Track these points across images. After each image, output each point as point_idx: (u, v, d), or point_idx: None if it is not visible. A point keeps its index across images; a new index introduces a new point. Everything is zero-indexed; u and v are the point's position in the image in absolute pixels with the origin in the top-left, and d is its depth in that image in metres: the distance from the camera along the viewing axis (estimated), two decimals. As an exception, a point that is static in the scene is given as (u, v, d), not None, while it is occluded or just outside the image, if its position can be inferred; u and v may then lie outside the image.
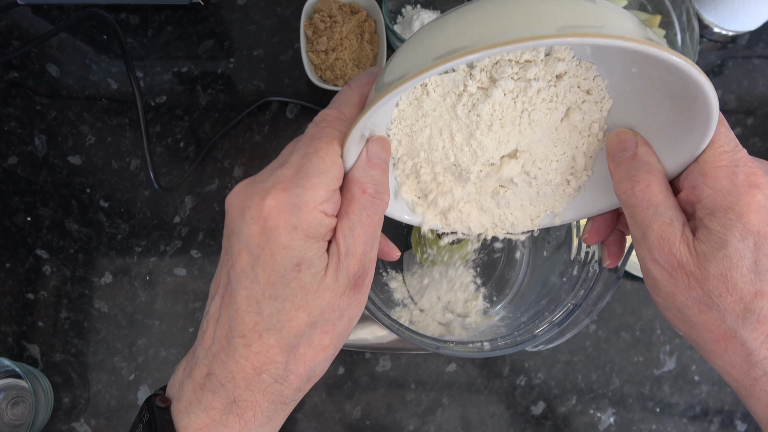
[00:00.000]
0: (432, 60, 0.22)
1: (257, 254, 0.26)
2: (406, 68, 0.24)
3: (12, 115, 0.65)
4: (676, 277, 0.27)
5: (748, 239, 0.25)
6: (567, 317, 0.43)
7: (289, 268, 0.26)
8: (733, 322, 0.26)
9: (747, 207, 0.25)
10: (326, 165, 0.26)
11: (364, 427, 0.62)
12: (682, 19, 0.64)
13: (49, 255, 0.63)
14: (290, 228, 0.25)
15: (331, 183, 0.27)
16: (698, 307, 0.27)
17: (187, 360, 0.29)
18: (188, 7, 0.69)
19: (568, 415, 0.63)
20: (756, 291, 0.26)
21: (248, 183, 0.27)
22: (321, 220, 0.26)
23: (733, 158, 0.26)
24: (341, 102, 0.29)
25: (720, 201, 0.26)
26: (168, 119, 0.66)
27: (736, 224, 0.25)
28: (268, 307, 0.26)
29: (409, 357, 0.62)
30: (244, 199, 0.26)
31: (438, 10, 0.69)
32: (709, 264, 0.26)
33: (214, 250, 0.64)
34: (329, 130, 0.27)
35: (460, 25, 0.24)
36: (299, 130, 0.67)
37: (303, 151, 0.27)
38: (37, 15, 0.68)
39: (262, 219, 0.25)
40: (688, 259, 0.27)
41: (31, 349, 0.61)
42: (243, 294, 0.26)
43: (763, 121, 0.71)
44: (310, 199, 0.25)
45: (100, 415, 0.60)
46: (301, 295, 0.26)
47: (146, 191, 0.65)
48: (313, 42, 0.64)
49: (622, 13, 0.24)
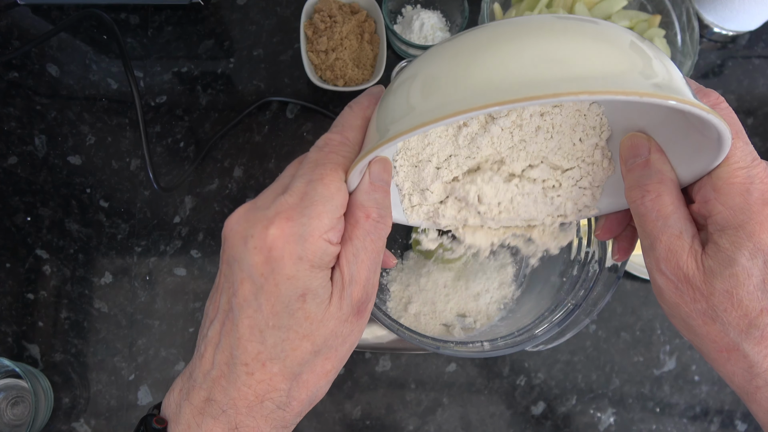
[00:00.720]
0: (438, 114, 0.22)
1: (261, 284, 0.25)
2: (417, 112, 0.24)
3: (12, 115, 0.65)
4: (682, 289, 0.27)
5: (757, 258, 0.25)
6: (567, 317, 0.43)
7: (293, 298, 0.25)
8: (737, 336, 0.26)
9: (759, 226, 0.25)
10: (331, 192, 0.26)
11: (364, 427, 0.62)
12: (682, 19, 0.64)
13: (49, 255, 0.63)
14: (295, 258, 0.25)
15: (336, 211, 0.26)
16: (702, 319, 0.27)
17: (183, 380, 0.29)
18: (188, 7, 0.69)
19: (568, 415, 0.63)
20: (762, 308, 0.25)
21: (249, 209, 0.27)
22: (326, 249, 0.26)
23: (749, 174, 0.25)
24: (344, 126, 0.28)
25: (731, 218, 0.25)
26: (168, 119, 0.66)
27: (746, 243, 0.25)
28: (272, 337, 0.26)
29: (409, 357, 0.62)
30: (246, 227, 0.26)
31: (438, 10, 0.69)
32: (716, 280, 0.26)
33: (214, 250, 0.64)
34: (333, 156, 0.27)
35: (464, 73, 0.23)
36: (299, 130, 0.67)
37: (307, 178, 0.26)
38: (37, 15, 0.68)
39: (266, 249, 0.25)
40: (694, 273, 0.26)
41: (31, 349, 0.61)
42: (245, 323, 0.26)
43: (763, 121, 0.71)
44: (315, 228, 0.25)
45: (100, 415, 0.60)
46: (306, 325, 0.26)
47: (146, 191, 0.65)
48: (313, 42, 0.64)
49: (626, 48, 0.23)
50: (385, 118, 0.26)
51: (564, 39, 0.22)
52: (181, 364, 0.61)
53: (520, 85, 0.21)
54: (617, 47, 0.23)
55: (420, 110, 0.23)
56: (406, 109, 0.24)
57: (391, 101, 0.26)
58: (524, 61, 0.22)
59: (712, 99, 0.27)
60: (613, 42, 0.23)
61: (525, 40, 0.23)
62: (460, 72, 0.23)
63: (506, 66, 0.22)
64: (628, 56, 0.23)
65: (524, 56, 0.22)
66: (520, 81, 0.21)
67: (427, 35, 0.67)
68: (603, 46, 0.23)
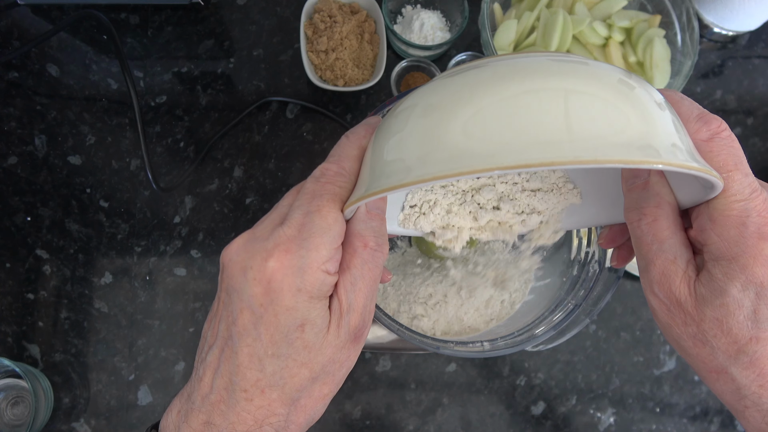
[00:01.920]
0: (437, 171, 0.22)
1: (260, 314, 0.26)
2: (406, 166, 0.23)
3: (12, 115, 0.65)
4: (674, 312, 0.28)
5: (749, 290, 0.25)
6: (567, 317, 0.43)
7: (292, 328, 0.26)
8: (725, 360, 0.27)
9: (753, 259, 0.25)
10: (328, 224, 0.26)
11: (364, 427, 0.62)
12: (682, 19, 0.64)
13: (49, 255, 0.63)
14: (294, 290, 0.25)
15: (334, 241, 0.26)
16: (692, 341, 0.28)
17: (181, 401, 0.29)
18: (188, 7, 0.69)
19: (568, 415, 0.63)
20: (751, 336, 0.26)
21: (248, 240, 0.27)
22: (324, 279, 0.26)
23: (746, 208, 0.25)
24: (340, 156, 0.28)
25: (725, 250, 0.25)
26: (168, 119, 0.66)
27: (738, 275, 0.25)
28: (271, 365, 0.26)
29: (409, 357, 0.62)
30: (245, 258, 0.26)
31: (438, 10, 0.69)
32: (706, 308, 0.26)
33: (214, 249, 0.64)
34: (330, 187, 0.27)
35: (452, 137, 0.23)
36: (299, 130, 0.67)
37: (305, 209, 0.26)
38: (37, 15, 0.68)
39: (266, 280, 0.25)
40: (686, 299, 0.27)
41: (31, 349, 0.61)
42: (245, 351, 0.26)
43: (763, 121, 0.71)
44: (314, 260, 0.25)
45: (100, 415, 0.60)
46: (304, 354, 0.26)
47: (146, 191, 0.65)
48: (313, 42, 0.64)
49: (611, 101, 0.23)
50: (379, 162, 0.26)
51: (555, 102, 0.22)
52: (181, 364, 0.61)
53: (538, 146, 0.21)
54: (604, 102, 0.23)
55: (408, 166, 0.23)
56: (396, 161, 0.24)
57: (383, 143, 0.26)
58: (537, 128, 0.22)
59: (713, 127, 0.26)
60: (601, 98, 0.23)
61: (512, 102, 0.22)
62: (449, 133, 0.23)
63: (497, 132, 0.22)
64: (617, 112, 0.22)
65: (537, 123, 0.22)
66: (535, 146, 0.21)
67: (427, 35, 0.67)
68: (595, 106, 0.22)
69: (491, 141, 0.22)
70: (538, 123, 0.21)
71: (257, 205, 0.65)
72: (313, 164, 0.66)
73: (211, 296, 0.63)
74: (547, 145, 0.21)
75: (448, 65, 0.67)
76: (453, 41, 0.66)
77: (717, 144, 0.25)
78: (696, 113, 0.26)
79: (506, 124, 0.22)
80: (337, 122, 0.67)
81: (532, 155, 0.21)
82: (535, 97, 0.22)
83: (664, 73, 0.64)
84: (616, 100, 0.22)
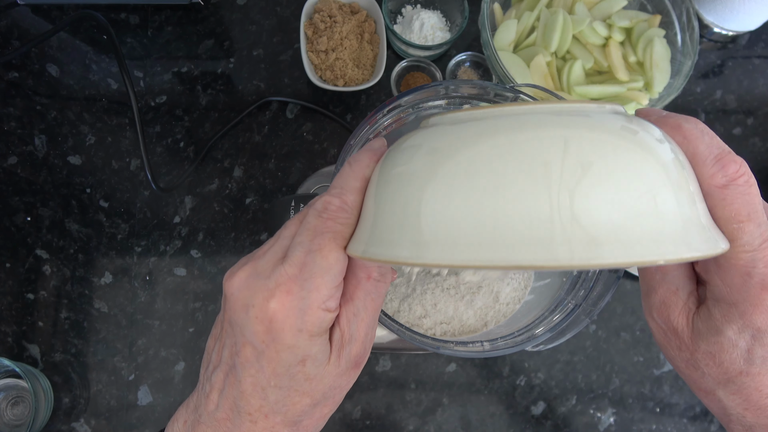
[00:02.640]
0: (419, 260, 0.22)
1: (262, 349, 0.26)
2: (409, 240, 0.23)
3: (12, 115, 0.65)
4: (670, 338, 0.28)
5: (745, 332, 0.26)
6: (567, 317, 0.43)
7: (293, 363, 0.26)
8: (714, 385, 0.28)
9: (753, 307, 0.25)
10: (329, 264, 0.26)
11: (364, 427, 0.62)
12: (682, 19, 0.64)
13: (49, 255, 0.63)
14: (295, 330, 0.26)
15: (335, 280, 0.26)
16: (685, 365, 0.29)
17: (187, 412, 0.30)
18: (188, 7, 0.69)
19: (568, 415, 0.63)
20: (741, 371, 0.26)
21: (250, 275, 0.27)
22: (324, 317, 0.26)
23: (753, 258, 0.24)
24: (343, 188, 0.27)
25: (727, 295, 0.26)
26: (168, 119, 0.66)
27: (736, 320, 0.25)
28: (273, 395, 0.27)
29: (409, 357, 0.62)
30: (248, 295, 0.27)
31: (438, 10, 0.69)
32: (702, 341, 0.27)
33: (214, 250, 0.64)
34: (331, 224, 0.26)
35: (459, 222, 0.21)
36: (299, 130, 0.67)
37: (306, 247, 0.26)
38: (37, 15, 0.68)
39: (267, 320, 0.26)
40: (683, 329, 0.28)
41: (31, 349, 0.61)
42: (248, 380, 0.27)
43: (763, 121, 0.71)
44: (314, 300, 0.26)
45: (100, 415, 0.60)
46: (306, 384, 0.27)
47: (146, 191, 0.65)
48: (313, 42, 0.64)
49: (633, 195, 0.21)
50: (381, 216, 0.25)
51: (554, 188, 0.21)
52: (181, 364, 0.61)
53: (537, 248, 0.20)
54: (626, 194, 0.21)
55: (411, 241, 0.23)
56: (398, 228, 0.24)
57: (386, 193, 0.25)
58: (533, 224, 0.20)
59: (730, 173, 0.24)
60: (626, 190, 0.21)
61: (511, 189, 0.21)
62: (454, 219, 0.22)
63: (516, 217, 0.21)
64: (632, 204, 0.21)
65: (532, 215, 0.20)
66: (534, 247, 0.20)
67: (427, 35, 0.67)
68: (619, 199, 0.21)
69: (505, 235, 0.20)
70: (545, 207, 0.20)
71: (257, 205, 0.65)
72: (313, 164, 0.66)
73: (211, 296, 0.63)
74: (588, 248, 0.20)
75: (448, 65, 0.67)
76: (453, 41, 0.66)
77: (732, 192, 0.24)
78: (715, 153, 0.25)
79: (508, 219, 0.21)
80: (337, 122, 0.67)
81: (548, 255, 0.20)
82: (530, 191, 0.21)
83: (664, 73, 0.64)
84: (617, 179, 0.21)
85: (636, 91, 0.63)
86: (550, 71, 0.64)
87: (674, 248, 0.21)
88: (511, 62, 0.63)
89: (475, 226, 0.21)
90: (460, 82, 0.38)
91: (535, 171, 0.21)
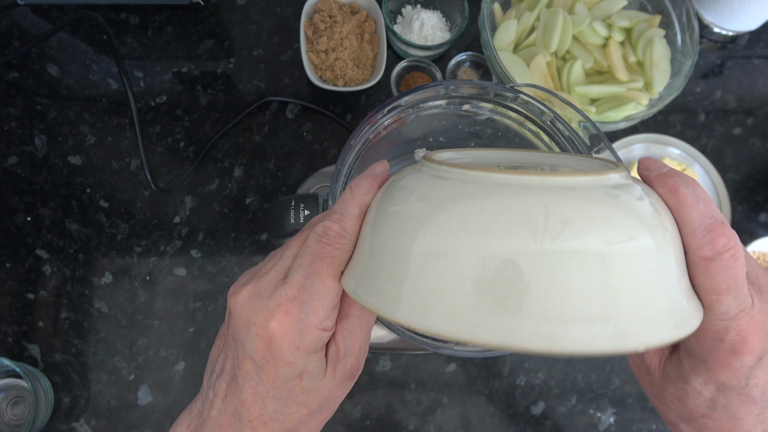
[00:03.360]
0: (425, 324, 0.22)
1: (261, 364, 0.28)
2: (397, 297, 0.23)
3: (12, 115, 0.65)
4: (643, 373, 0.30)
5: (710, 385, 0.27)
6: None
7: (291, 377, 0.28)
8: (678, 420, 0.29)
9: (719, 367, 0.26)
10: (326, 288, 0.27)
11: (364, 427, 0.62)
12: (682, 19, 0.64)
13: (49, 255, 0.63)
14: (293, 348, 0.27)
15: (331, 302, 0.28)
16: (654, 397, 0.30)
17: (190, 416, 0.32)
18: (188, 7, 0.69)
19: (568, 415, 0.63)
20: (703, 414, 0.28)
21: (253, 294, 0.29)
22: (321, 336, 0.28)
23: (726, 326, 0.25)
24: (342, 214, 0.28)
25: (698, 352, 0.26)
26: (168, 119, 0.66)
27: (703, 373, 0.27)
28: (272, 405, 0.29)
29: (409, 357, 0.62)
30: (250, 314, 0.28)
31: (438, 10, 0.69)
32: (670, 384, 0.28)
33: (214, 250, 0.64)
34: (330, 249, 0.28)
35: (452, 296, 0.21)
36: (299, 130, 0.67)
37: (305, 270, 0.28)
38: (37, 15, 0.68)
39: (267, 338, 0.27)
40: (655, 370, 0.29)
41: (31, 349, 0.61)
42: (249, 391, 0.29)
43: (763, 121, 0.71)
44: (312, 321, 0.27)
45: (100, 415, 0.60)
46: (303, 397, 0.29)
47: (146, 191, 0.65)
48: (313, 42, 0.64)
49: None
50: (376, 255, 0.25)
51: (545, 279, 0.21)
52: (181, 363, 0.61)
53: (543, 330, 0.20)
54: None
55: (399, 298, 0.23)
56: (390, 281, 0.24)
57: (381, 233, 0.25)
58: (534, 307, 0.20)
59: (717, 247, 0.24)
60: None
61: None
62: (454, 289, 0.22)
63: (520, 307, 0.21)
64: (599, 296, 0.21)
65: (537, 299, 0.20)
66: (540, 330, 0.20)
67: (427, 35, 0.67)
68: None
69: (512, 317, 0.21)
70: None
71: (257, 205, 0.65)
72: (313, 164, 0.67)
73: (211, 296, 0.63)
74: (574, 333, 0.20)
75: (448, 65, 0.67)
76: (453, 41, 0.66)
77: (716, 265, 0.24)
78: (707, 224, 0.24)
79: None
80: (337, 122, 0.67)
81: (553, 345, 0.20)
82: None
83: (664, 73, 0.64)
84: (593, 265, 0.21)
85: (636, 91, 0.63)
86: (550, 71, 0.64)
87: (652, 338, 0.21)
88: (511, 62, 0.63)
89: (453, 295, 0.21)
90: (460, 82, 0.38)
91: None
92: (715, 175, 0.67)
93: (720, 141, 0.70)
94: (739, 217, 0.68)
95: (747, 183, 0.68)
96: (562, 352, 0.20)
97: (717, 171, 0.67)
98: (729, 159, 0.69)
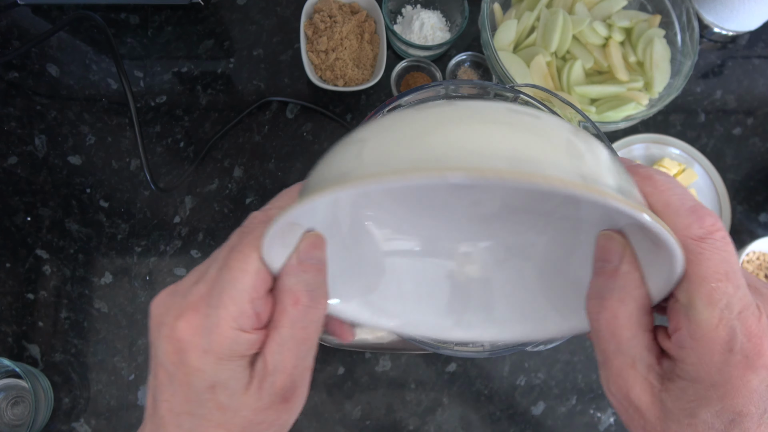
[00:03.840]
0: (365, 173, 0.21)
1: (173, 372, 0.25)
2: (334, 173, 0.22)
3: (12, 115, 0.65)
4: (632, 416, 0.25)
5: (724, 416, 0.23)
6: (567, 317, 0.43)
7: (202, 389, 0.25)
8: None
9: (735, 391, 0.22)
10: (233, 276, 0.24)
11: (364, 427, 0.62)
12: (682, 19, 0.64)
13: (49, 255, 0.63)
14: (201, 352, 0.24)
15: (245, 294, 0.24)
16: None
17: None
18: (188, 7, 0.69)
19: (568, 415, 0.63)
20: None
21: (170, 294, 0.26)
22: (236, 338, 0.24)
23: (733, 328, 0.22)
24: (272, 204, 0.27)
25: (705, 376, 0.23)
26: (168, 119, 0.66)
27: (715, 403, 0.23)
28: (187, 423, 0.25)
29: (409, 357, 0.63)
30: (162, 314, 0.25)
31: (438, 10, 0.69)
32: (672, 423, 0.24)
33: (214, 250, 0.64)
34: (249, 237, 0.25)
35: (396, 144, 0.21)
36: (299, 130, 0.67)
37: (220, 263, 0.25)
38: (37, 15, 0.68)
39: (176, 340, 0.24)
40: (648, 408, 0.24)
41: (31, 349, 0.61)
42: (164, 406, 0.26)
43: (763, 121, 0.71)
44: (222, 318, 0.24)
45: (100, 415, 0.60)
46: (218, 414, 0.25)
47: (146, 191, 0.65)
48: (313, 42, 0.64)
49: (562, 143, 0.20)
50: (308, 182, 0.24)
51: (519, 131, 0.21)
52: (181, 364, 0.62)
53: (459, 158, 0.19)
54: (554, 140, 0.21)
55: (334, 175, 0.22)
56: (320, 176, 0.23)
57: (318, 167, 0.24)
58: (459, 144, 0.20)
59: (706, 225, 0.23)
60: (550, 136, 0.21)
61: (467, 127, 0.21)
62: (394, 141, 0.22)
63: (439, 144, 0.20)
64: (562, 149, 0.20)
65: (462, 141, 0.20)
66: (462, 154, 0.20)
67: (427, 35, 0.67)
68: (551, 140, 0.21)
69: (432, 149, 0.20)
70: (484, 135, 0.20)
71: (257, 205, 0.65)
72: (313, 164, 0.66)
73: (211, 296, 0.63)
74: (486, 158, 0.20)
75: (448, 65, 0.67)
76: (453, 41, 0.66)
77: (709, 246, 0.22)
78: (689, 204, 0.23)
79: (458, 131, 0.21)
80: (337, 122, 0.67)
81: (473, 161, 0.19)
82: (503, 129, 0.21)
83: (664, 73, 0.64)
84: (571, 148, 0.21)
85: (636, 91, 0.63)
86: (550, 71, 0.64)
87: (622, 199, 0.19)
88: (511, 62, 0.63)
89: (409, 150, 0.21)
90: (460, 82, 0.38)
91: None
92: (715, 175, 0.67)
93: (720, 141, 0.70)
94: (739, 217, 0.68)
95: (747, 183, 0.68)
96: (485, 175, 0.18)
97: (717, 171, 0.67)
98: (729, 159, 0.69)
